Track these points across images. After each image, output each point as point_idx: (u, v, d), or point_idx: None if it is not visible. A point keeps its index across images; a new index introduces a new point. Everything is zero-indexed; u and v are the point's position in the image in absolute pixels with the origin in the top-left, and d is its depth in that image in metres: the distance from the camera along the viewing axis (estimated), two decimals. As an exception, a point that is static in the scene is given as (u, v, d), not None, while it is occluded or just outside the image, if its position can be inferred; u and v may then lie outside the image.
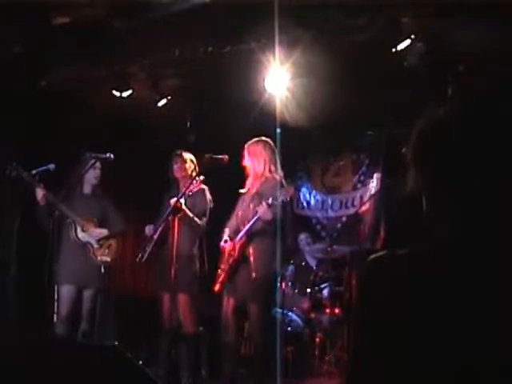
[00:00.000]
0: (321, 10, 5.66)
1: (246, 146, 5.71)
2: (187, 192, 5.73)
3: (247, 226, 5.45)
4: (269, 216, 5.30)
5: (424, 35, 5.94)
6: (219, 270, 5.67)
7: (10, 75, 6.70)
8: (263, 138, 5.73)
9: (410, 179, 1.41)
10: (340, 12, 5.72)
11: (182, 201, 5.72)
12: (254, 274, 5.35)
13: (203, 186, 6.10)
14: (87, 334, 6.02)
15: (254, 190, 5.65)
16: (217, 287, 5.63)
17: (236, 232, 5.64)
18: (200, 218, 5.97)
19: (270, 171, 5.62)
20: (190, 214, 5.79)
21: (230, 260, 5.54)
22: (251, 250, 5.46)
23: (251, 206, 5.55)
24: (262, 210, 5.27)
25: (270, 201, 5.24)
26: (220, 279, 5.61)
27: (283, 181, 5.57)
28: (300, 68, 6.35)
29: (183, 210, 5.71)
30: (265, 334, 5.61)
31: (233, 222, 5.79)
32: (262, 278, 5.35)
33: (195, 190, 5.79)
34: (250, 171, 5.69)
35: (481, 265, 1.26)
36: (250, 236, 5.46)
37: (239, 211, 5.73)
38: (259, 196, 5.52)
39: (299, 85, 6.62)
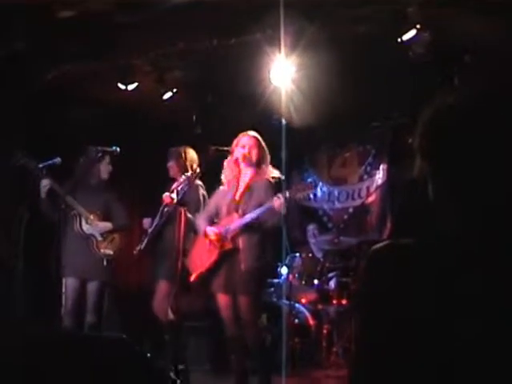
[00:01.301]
0: (326, 0, 5.65)
1: (237, 138, 5.58)
2: (177, 187, 5.75)
3: (249, 217, 5.33)
4: (284, 210, 5.22)
5: (429, 25, 5.93)
6: (199, 261, 5.58)
7: (15, 69, 6.71)
8: (255, 133, 5.65)
9: (416, 169, 1.41)
10: (345, 2, 5.70)
11: (174, 196, 5.72)
12: (242, 266, 5.28)
13: (197, 182, 6.09)
14: (93, 327, 6.04)
15: (244, 184, 5.56)
16: (194, 277, 5.55)
17: (212, 223, 5.58)
18: (193, 213, 5.94)
19: (264, 166, 5.55)
20: (182, 209, 5.72)
21: (217, 250, 5.45)
22: (241, 241, 5.37)
23: (241, 199, 5.48)
24: (279, 202, 5.16)
25: (287, 194, 5.16)
26: (202, 269, 5.49)
27: (271, 177, 5.51)
28: (305, 59, 6.34)
29: (175, 205, 5.70)
30: (258, 325, 5.61)
31: (209, 213, 5.68)
32: (251, 270, 5.29)
33: (183, 185, 5.77)
34: (244, 162, 5.59)
35: (483, 257, 1.26)
36: (243, 228, 5.40)
37: (222, 204, 5.59)
38: (251, 191, 5.45)
39: (305, 76, 6.61)
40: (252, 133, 5.59)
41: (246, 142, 5.52)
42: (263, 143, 5.57)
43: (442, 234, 1.33)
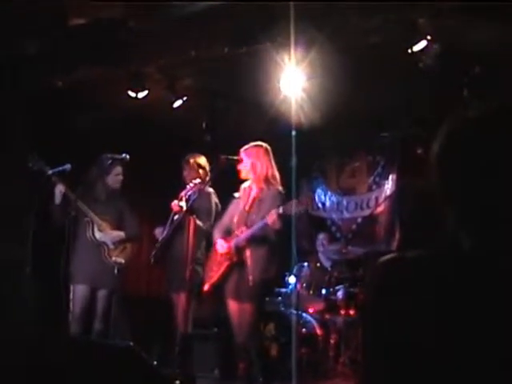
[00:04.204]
0: (337, 10, 5.65)
1: (243, 149, 5.58)
2: (185, 195, 5.77)
3: (250, 231, 5.35)
4: (278, 225, 5.21)
5: (440, 36, 5.92)
6: (211, 272, 5.62)
7: (27, 75, 6.74)
8: (262, 143, 5.64)
9: (433, 179, 1.39)
10: (356, 12, 5.70)
11: (182, 204, 5.73)
12: (250, 278, 5.29)
13: (209, 190, 6.10)
14: (101, 334, 6.03)
15: (253, 195, 5.56)
16: (206, 287, 5.59)
17: (227, 234, 5.59)
18: (204, 221, 5.93)
19: (273, 177, 5.53)
20: (192, 218, 5.71)
21: (226, 263, 5.48)
22: (248, 254, 5.37)
23: (250, 210, 5.48)
24: (272, 218, 5.15)
25: (280, 210, 5.16)
26: (212, 281, 5.55)
27: (280, 189, 5.49)
28: (316, 68, 6.34)
29: (184, 213, 5.70)
30: (257, 334, 5.64)
31: (224, 224, 5.72)
32: (258, 282, 5.30)
33: (191, 192, 5.77)
34: (249, 175, 5.58)
35: (495, 270, 1.25)
36: (250, 241, 5.40)
37: (234, 214, 5.64)
38: (259, 202, 5.45)
39: (315, 85, 6.60)
40: (255, 144, 5.59)
41: (248, 156, 5.52)
42: (263, 152, 5.56)
43: (448, 247, 1.32)
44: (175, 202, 5.85)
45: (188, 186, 5.88)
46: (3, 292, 6.33)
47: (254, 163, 5.49)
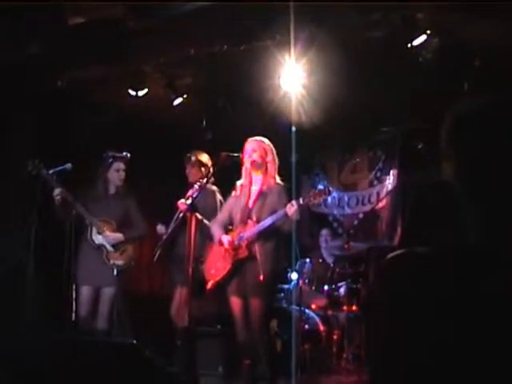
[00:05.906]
0: (336, 6, 5.65)
1: (248, 143, 5.56)
2: (192, 194, 5.77)
3: (262, 226, 5.31)
4: (297, 216, 5.22)
5: (439, 31, 5.92)
6: (214, 268, 5.62)
7: (27, 75, 6.74)
8: (261, 138, 5.62)
9: (445, 169, 1.38)
10: (355, 8, 5.70)
11: (189, 203, 5.72)
12: (260, 272, 5.26)
13: (213, 188, 6.10)
14: (104, 334, 6.04)
15: (257, 189, 5.54)
16: (211, 284, 5.57)
17: (226, 231, 5.57)
18: (209, 220, 5.92)
19: (276, 173, 5.53)
20: (199, 216, 5.69)
21: (233, 258, 5.44)
22: (257, 248, 5.35)
23: (254, 205, 5.46)
24: (293, 209, 5.13)
25: (301, 201, 5.17)
26: (218, 278, 5.51)
27: (281, 183, 5.49)
28: (315, 65, 6.34)
29: (190, 211, 5.68)
30: (268, 330, 5.62)
31: (223, 220, 5.68)
32: (268, 276, 5.28)
33: (197, 192, 5.77)
34: (253, 169, 5.56)
35: (503, 262, 1.24)
36: (259, 235, 5.37)
37: (235, 211, 5.58)
38: (264, 196, 5.43)
39: (314, 82, 6.60)
40: (259, 138, 5.59)
41: (253, 148, 5.51)
42: (271, 147, 5.56)
43: (456, 242, 1.32)
44: (182, 200, 5.87)
45: (195, 186, 5.87)
46: (6, 292, 6.34)
47: (270, 157, 5.51)
